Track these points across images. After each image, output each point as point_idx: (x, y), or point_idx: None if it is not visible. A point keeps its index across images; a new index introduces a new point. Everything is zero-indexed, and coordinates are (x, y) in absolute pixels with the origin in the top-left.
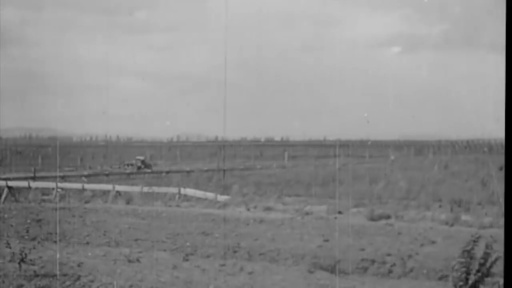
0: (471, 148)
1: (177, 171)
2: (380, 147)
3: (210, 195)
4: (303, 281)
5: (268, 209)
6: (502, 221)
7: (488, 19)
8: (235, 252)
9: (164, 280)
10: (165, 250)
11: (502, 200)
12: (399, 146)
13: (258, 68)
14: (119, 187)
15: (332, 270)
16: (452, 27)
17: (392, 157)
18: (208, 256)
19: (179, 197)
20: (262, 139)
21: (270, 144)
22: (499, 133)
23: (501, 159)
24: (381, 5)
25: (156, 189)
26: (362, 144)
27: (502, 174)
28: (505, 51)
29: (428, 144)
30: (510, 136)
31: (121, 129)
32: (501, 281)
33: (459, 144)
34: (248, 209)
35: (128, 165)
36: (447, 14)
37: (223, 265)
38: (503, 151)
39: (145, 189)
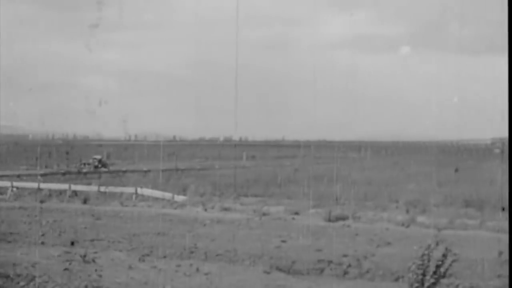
0: (428, 149)
1: (135, 171)
2: (338, 148)
3: (167, 195)
4: (260, 282)
5: (225, 209)
6: (457, 221)
7: (449, 21)
8: (191, 252)
9: (119, 281)
10: (121, 251)
11: (458, 201)
12: (358, 147)
13: (219, 67)
14: (75, 187)
15: (289, 271)
16: (413, 29)
17: (351, 157)
18: (164, 257)
19: (136, 197)
20: (221, 139)
21: (228, 144)
22: (456, 134)
23: (456, 161)
24: (346, 6)
25: (113, 188)
26: (320, 145)
27: (457, 175)
28: (507, 52)
29: (386, 145)
30: None
31: (79, 127)
32: (456, 282)
33: (417, 145)
34: (206, 210)
35: (85, 164)
36: (408, 16)
37: (179, 265)
38: (460, 152)
39: (102, 188)
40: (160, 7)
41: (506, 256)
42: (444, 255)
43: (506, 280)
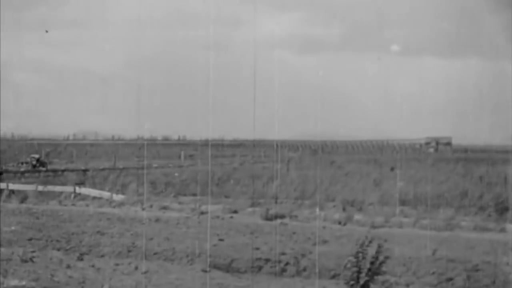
0: (365, 148)
1: (73, 170)
2: (276, 147)
3: (106, 194)
4: (198, 280)
5: (164, 208)
6: (393, 220)
7: (381, 23)
8: (130, 251)
9: (58, 280)
10: (59, 250)
11: (394, 199)
12: (295, 146)
13: (157, 66)
14: (13, 186)
15: (227, 269)
16: (348, 30)
17: (289, 157)
18: (103, 256)
19: (74, 196)
20: (159, 138)
21: (167, 143)
22: (391, 134)
23: (392, 160)
24: (281, 7)
25: (51, 187)
26: (258, 144)
27: (393, 174)
28: None
29: (323, 144)
30: None
31: (16, 126)
32: (392, 279)
33: (354, 144)
34: (144, 209)
35: (22, 163)
36: (344, 17)
37: (118, 264)
38: (395, 151)
39: (40, 188)
40: (99, 6)
41: (439, 253)
42: (379, 253)
43: (440, 277)
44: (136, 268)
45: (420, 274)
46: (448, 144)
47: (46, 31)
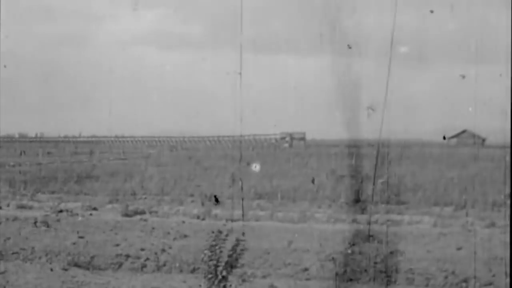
0: (222, 144)
1: None
2: (135, 144)
3: None
4: (58, 279)
5: (21, 207)
6: (251, 213)
7: (242, 22)
8: None
9: None
10: None
11: (250, 193)
12: (154, 142)
13: (14, 61)
14: None
15: (87, 266)
16: (209, 28)
17: (151, 152)
18: None
19: None
20: (16, 135)
21: (24, 140)
22: (250, 129)
23: (249, 155)
24: (142, 2)
25: None
26: (118, 141)
27: (249, 169)
28: (511, 55)
29: (182, 140)
30: None
31: None
32: (249, 271)
33: (211, 140)
34: (0, 208)
35: None
36: (204, 15)
37: None
38: (252, 146)
39: None
40: None
41: (295, 245)
42: (237, 246)
43: (295, 268)
44: None
45: (276, 266)
46: (302, 139)
47: None
